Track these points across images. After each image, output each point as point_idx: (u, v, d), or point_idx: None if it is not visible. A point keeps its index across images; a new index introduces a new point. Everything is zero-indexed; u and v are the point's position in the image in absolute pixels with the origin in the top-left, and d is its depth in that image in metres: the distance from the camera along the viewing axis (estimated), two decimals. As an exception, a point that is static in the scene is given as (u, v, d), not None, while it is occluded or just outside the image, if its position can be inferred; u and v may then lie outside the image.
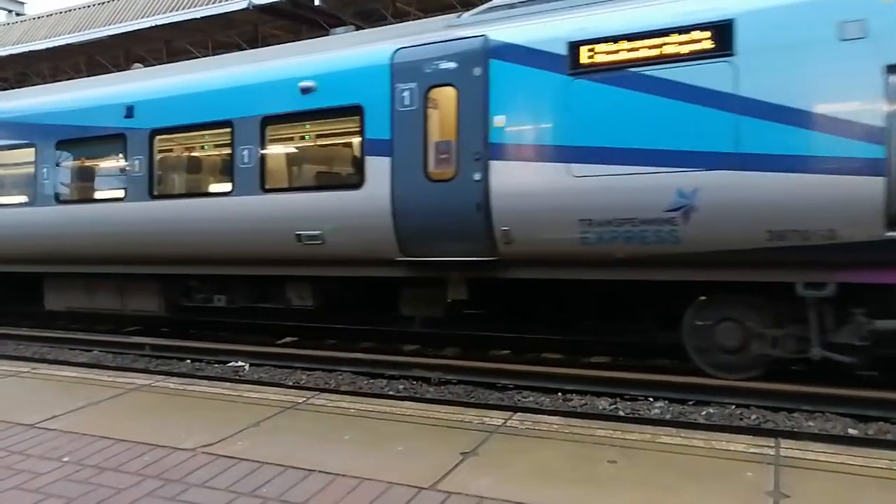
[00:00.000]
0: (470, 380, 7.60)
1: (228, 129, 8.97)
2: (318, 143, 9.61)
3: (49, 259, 10.64)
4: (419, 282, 8.38)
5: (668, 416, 6.29)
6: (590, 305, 8.15)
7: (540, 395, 7.09)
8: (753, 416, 6.21)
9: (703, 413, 6.37)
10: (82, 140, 10.42)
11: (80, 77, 19.17)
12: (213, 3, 19.08)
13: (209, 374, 8.22)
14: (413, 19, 15.49)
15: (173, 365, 9.02)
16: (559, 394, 7.07)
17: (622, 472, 4.16)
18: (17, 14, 31.44)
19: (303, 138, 9.55)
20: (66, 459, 4.58)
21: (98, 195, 10.65)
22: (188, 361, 9.20)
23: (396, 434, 4.94)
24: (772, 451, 4.38)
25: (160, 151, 9.84)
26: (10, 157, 11.42)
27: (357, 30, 10.14)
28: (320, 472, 4.22)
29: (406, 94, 7.77)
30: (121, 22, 20.94)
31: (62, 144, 10.60)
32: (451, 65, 7.58)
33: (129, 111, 9.78)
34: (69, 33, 22.16)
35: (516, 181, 7.18)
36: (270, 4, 18.00)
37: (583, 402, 6.83)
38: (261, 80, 8.95)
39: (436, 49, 7.72)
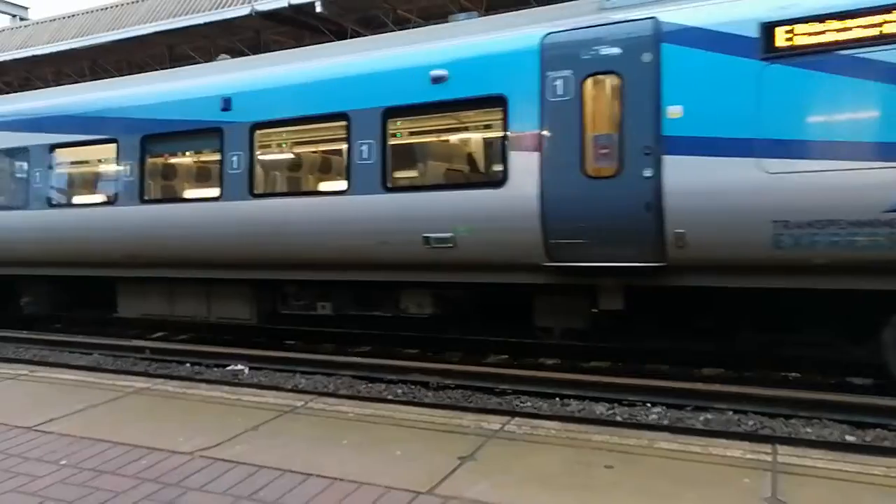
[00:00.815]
0: (468, 384, 7.59)
1: (343, 123, 8.38)
2: (451, 137, 8.89)
3: (128, 262, 9.99)
4: (559, 289, 7.67)
5: (665, 422, 6.28)
6: (747, 315, 7.44)
7: (538, 399, 7.08)
8: (751, 422, 6.20)
9: (701, 419, 6.36)
10: (172, 135, 9.75)
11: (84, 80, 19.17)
12: (216, 9, 19.14)
13: (208, 378, 8.21)
14: (414, 26, 15.53)
15: (173, 368, 9.03)
16: (557, 399, 7.06)
17: (619, 479, 4.16)
18: (21, 19, 31.52)
19: (433, 132, 8.79)
20: (63, 462, 4.59)
21: (189, 194, 10.08)
22: (188, 365, 9.20)
23: (394, 438, 4.95)
24: (769, 458, 4.38)
25: (261, 146, 9.21)
26: (86, 154, 10.80)
27: (354, 36, 10.06)
28: (318, 476, 4.22)
29: (559, 82, 7.14)
30: (123, 27, 20.99)
31: (149, 139, 9.85)
32: (614, 51, 6.96)
33: (227, 104, 9.17)
34: (72, 38, 22.22)
35: (695, 178, 6.52)
36: (273, 11, 18.04)
37: (581, 406, 6.83)
38: (382, 68, 8.26)
39: (595, 33, 7.10)
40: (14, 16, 32.89)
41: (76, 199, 11.03)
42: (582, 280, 7.35)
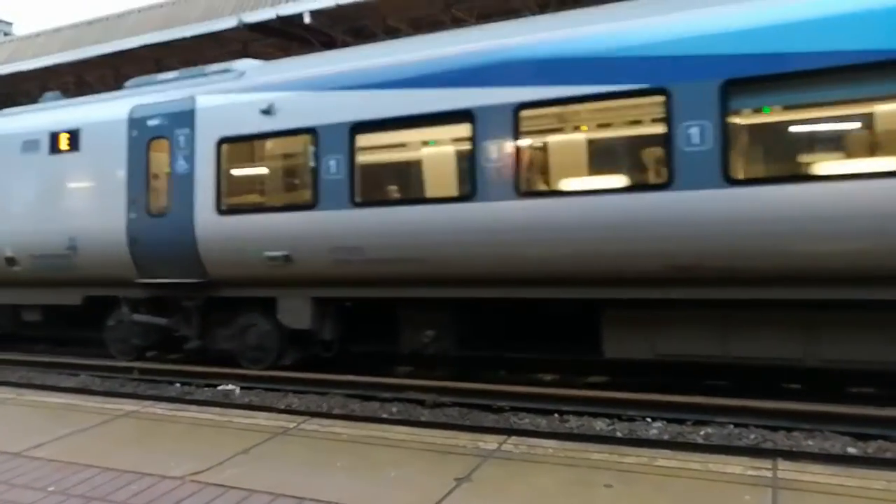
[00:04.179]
0: (465, 402, 7.51)
1: None
2: None
3: (487, 279, 7.80)
4: None
5: (666, 437, 6.23)
6: None
7: (536, 416, 7.02)
8: (752, 436, 6.15)
9: (702, 433, 6.31)
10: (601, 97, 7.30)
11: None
12: (203, 21, 19.08)
13: (198, 399, 8.13)
14: (404, 36, 15.50)
15: (162, 388, 8.92)
16: (556, 415, 7.00)
17: (619, 498, 4.09)
18: (6, 34, 31.42)
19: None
20: (51, 489, 4.49)
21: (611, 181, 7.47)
22: (178, 385, 9.09)
23: (389, 460, 4.86)
24: (769, 473, 4.34)
25: None
26: (408, 136, 8.67)
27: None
28: (312, 500, 4.14)
29: None
30: (110, 41, 20.89)
31: (539, 107, 7.56)
32: None
33: None
34: (58, 52, 22.09)
35: None
36: (260, 23, 17.99)
37: (580, 423, 6.77)
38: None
39: None
40: (-1, 31, 32.77)
41: (401, 195, 8.73)
42: None
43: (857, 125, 6.92)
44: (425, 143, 8.74)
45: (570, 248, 7.25)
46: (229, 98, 9.31)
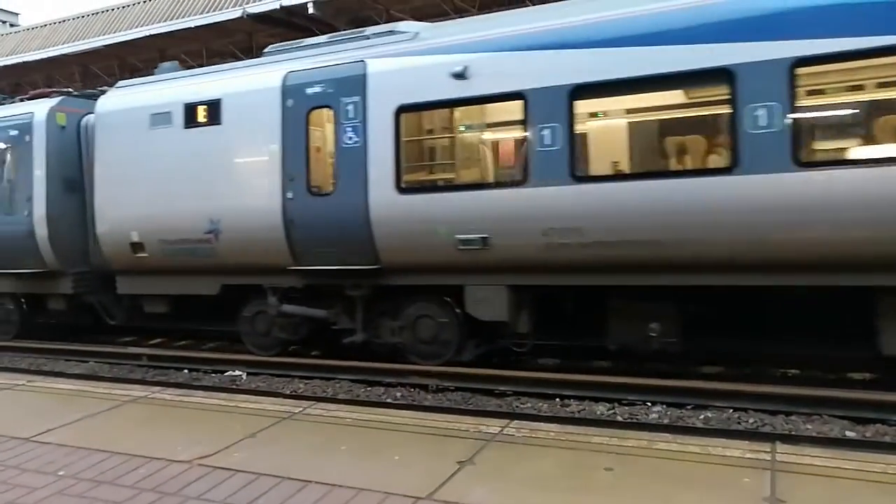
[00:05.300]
0: (468, 386, 7.58)
1: None
2: None
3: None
4: None
5: (665, 421, 6.28)
6: None
7: (538, 400, 7.08)
8: (751, 420, 6.20)
9: (702, 417, 6.36)
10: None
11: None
12: (208, 12, 19.11)
13: (206, 384, 8.20)
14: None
15: (170, 375, 9.00)
16: (557, 399, 7.06)
17: (619, 481, 4.15)
18: (12, 25, 31.47)
19: None
20: (61, 473, 4.57)
21: None
22: (185, 371, 9.17)
23: (393, 443, 4.93)
24: (768, 457, 4.38)
25: None
26: (644, 99, 7.68)
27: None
28: (317, 482, 4.21)
29: None
30: (115, 32, 20.95)
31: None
32: None
33: None
34: (63, 44, 22.17)
35: None
36: (265, 13, 18.02)
37: (581, 407, 6.83)
38: None
39: None
40: (5, 22, 32.83)
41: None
42: None
43: None
44: (668, 107, 7.65)
45: (863, 230, 6.21)
46: (407, 61, 8.17)
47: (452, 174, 8.68)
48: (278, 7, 17.54)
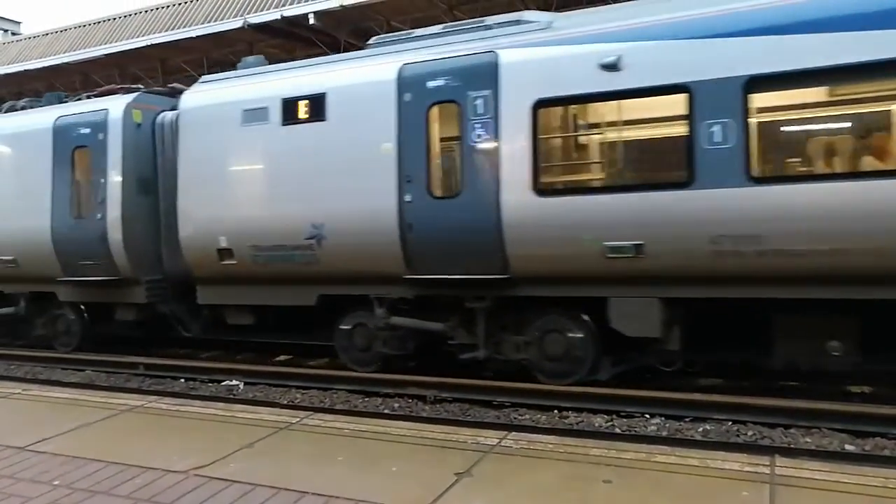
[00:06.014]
0: (465, 398, 7.56)
1: None
2: None
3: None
4: None
5: (664, 434, 6.27)
6: None
7: (536, 412, 7.06)
8: (750, 433, 6.18)
9: (700, 429, 6.34)
10: None
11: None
12: (209, 22, 19.18)
13: (203, 394, 8.17)
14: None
15: (167, 384, 8.99)
16: (555, 411, 7.04)
17: (617, 494, 4.13)
18: (13, 34, 31.59)
19: None
20: (56, 483, 4.54)
21: None
22: (182, 380, 9.14)
23: (391, 454, 4.91)
24: (767, 470, 4.36)
25: None
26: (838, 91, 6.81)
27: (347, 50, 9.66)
28: (313, 493, 4.19)
29: None
30: (116, 41, 21.01)
31: None
32: None
33: None
34: (64, 52, 22.23)
35: None
36: (265, 24, 18.09)
37: (579, 419, 6.81)
38: None
39: None
40: (6, 31, 32.96)
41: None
42: None
43: None
44: (872, 100, 6.71)
45: None
46: (545, 51, 7.48)
47: (601, 174, 7.83)
48: (279, 17, 17.61)
